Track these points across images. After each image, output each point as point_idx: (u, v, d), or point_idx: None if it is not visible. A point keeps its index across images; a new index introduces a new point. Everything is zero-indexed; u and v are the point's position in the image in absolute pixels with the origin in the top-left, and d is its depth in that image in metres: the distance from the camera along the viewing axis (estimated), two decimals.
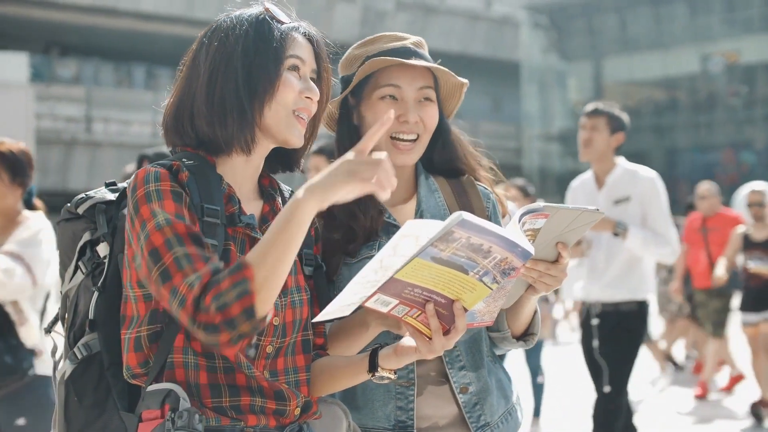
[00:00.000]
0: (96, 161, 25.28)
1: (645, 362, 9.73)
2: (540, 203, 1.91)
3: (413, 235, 1.66)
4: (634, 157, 5.61)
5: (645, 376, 9.52)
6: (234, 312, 1.60)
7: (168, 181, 1.78)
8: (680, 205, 12.64)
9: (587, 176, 5.34)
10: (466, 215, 1.61)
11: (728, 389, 9.07)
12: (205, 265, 1.67)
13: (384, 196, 1.64)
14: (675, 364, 10.38)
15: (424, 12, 33.83)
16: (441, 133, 2.32)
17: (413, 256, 1.63)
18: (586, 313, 5.23)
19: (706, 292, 8.83)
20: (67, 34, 30.41)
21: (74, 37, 30.55)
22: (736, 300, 8.74)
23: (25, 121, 22.37)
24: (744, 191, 8.70)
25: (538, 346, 7.27)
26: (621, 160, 5.20)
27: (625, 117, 5.20)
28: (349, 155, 1.64)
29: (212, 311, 1.61)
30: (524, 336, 2.30)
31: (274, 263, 1.63)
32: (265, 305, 1.64)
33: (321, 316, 1.79)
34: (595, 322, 5.12)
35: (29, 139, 22.87)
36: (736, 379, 9.15)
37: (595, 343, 5.08)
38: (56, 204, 2.03)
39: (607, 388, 5.01)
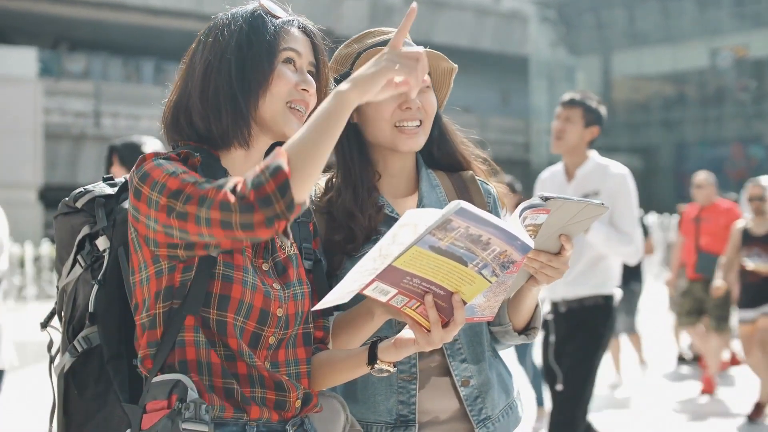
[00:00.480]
0: (104, 156, 25.31)
1: (642, 358, 9.70)
2: (544, 195, 1.90)
3: (412, 224, 1.67)
4: (643, 151, 5.56)
5: (641, 372, 9.48)
6: (269, 189, 1.59)
7: (179, 162, 1.79)
8: (689, 200, 12.60)
9: (557, 168, 5.17)
10: (465, 204, 1.61)
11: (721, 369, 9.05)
12: None
13: (415, 92, 1.71)
14: (682, 357, 10.34)
15: (432, 7, 33.78)
16: (436, 123, 2.34)
17: (411, 244, 1.63)
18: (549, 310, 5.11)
19: (703, 287, 8.72)
20: (76, 29, 30.48)
21: (83, 32, 30.62)
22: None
23: (33, 115, 22.42)
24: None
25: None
26: (593, 154, 5.02)
27: (602, 110, 5.01)
28: (385, 50, 1.70)
29: (247, 191, 1.60)
30: (526, 330, 2.30)
31: (311, 149, 1.63)
32: (301, 190, 1.62)
33: (320, 305, 1.80)
34: (549, 317, 4.98)
35: (38, 134, 22.97)
36: (726, 364, 9.14)
37: (552, 338, 4.94)
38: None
39: (559, 387, 4.84)
